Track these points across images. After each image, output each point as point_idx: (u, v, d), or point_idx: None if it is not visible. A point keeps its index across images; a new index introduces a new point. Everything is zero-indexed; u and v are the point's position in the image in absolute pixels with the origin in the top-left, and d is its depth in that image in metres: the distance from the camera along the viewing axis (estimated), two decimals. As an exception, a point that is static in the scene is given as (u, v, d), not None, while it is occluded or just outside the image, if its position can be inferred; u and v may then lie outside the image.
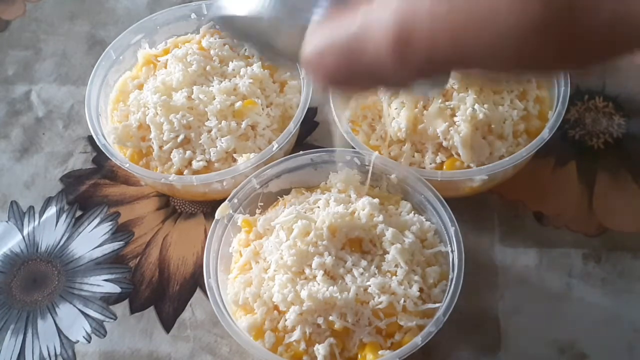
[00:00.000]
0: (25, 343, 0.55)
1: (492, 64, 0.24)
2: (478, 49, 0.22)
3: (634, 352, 0.51)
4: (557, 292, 0.54)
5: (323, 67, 0.25)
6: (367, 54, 0.23)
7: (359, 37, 0.23)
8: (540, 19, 0.20)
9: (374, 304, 0.46)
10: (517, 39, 0.21)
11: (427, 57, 0.23)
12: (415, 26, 0.22)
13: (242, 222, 0.53)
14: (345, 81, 0.25)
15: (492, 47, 0.22)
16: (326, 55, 0.25)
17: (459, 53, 0.22)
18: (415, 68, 0.23)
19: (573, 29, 0.20)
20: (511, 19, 0.20)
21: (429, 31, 0.22)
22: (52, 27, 0.77)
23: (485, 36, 0.21)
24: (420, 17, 0.22)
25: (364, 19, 0.23)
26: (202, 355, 0.54)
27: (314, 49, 0.25)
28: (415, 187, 0.53)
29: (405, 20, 0.22)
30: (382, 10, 0.23)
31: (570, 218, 0.58)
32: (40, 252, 0.60)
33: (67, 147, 0.67)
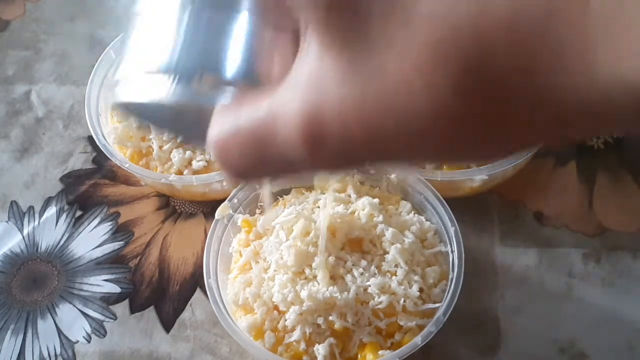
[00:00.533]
0: (25, 343, 0.55)
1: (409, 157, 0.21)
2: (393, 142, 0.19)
3: (634, 352, 0.51)
4: (557, 292, 0.54)
5: (229, 156, 0.23)
6: (276, 143, 0.21)
7: (266, 124, 0.21)
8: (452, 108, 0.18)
9: (374, 304, 0.46)
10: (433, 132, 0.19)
11: (340, 150, 0.20)
12: (325, 116, 0.19)
13: (242, 222, 0.53)
14: (254, 170, 0.23)
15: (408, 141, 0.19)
16: (231, 142, 0.22)
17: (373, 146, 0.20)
18: (329, 160, 0.21)
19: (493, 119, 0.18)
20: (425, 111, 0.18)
21: (340, 122, 0.19)
22: (52, 27, 0.77)
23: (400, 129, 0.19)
24: (331, 104, 0.19)
25: (271, 105, 0.21)
26: (202, 355, 0.54)
27: (218, 136, 0.22)
28: (415, 187, 0.53)
29: (313, 106, 0.20)
30: (290, 96, 0.20)
31: (570, 218, 0.58)
32: (40, 252, 0.60)
33: (67, 147, 0.67)
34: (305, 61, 0.20)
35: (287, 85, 0.21)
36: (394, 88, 0.18)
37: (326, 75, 0.19)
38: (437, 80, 0.18)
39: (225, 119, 0.23)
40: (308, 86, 0.20)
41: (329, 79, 0.19)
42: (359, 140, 0.20)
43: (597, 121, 0.18)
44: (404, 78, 0.18)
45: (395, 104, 0.19)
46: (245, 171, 0.23)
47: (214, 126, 0.23)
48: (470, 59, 0.17)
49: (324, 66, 0.20)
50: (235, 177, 0.24)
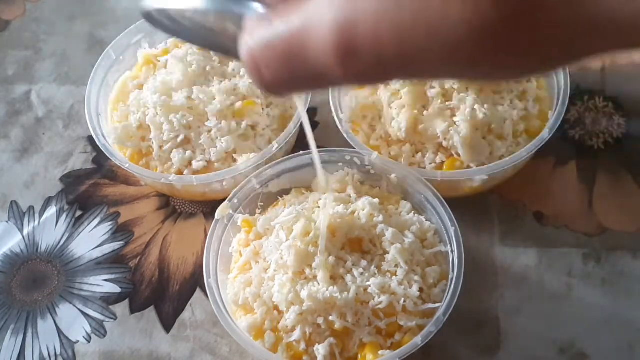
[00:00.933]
0: (25, 343, 0.55)
1: (443, 71, 0.22)
2: (427, 55, 0.20)
3: (634, 352, 0.51)
4: (557, 292, 0.54)
5: (262, 66, 0.23)
6: (309, 54, 0.21)
7: (299, 34, 0.21)
8: (492, 23, 0.18)
9: (374, 304, 0.46)
10: (469, 45, 0.19)
11: (372, 63, 0.21)
12: (358, 27, 0.20)
13: (242, 222, 0.53)
14: (286, 82, 0.23)
15: (442, 55, 0.20)
16: (265, 53, 0.23)
17: (406, 60, 0.20)
18: (360, 73, 0.22)
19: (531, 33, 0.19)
20: (462, 24, 0.19)
21: (374, 33, 0.20)
22: (52, 27, 0.77)
23: (434, 42, 0.19)
24: (364, 16, 0.20)
25: (305, 16, 0.21)
26: (202, 355, 0.54)
27: (251, 46, 0.23)
28: (415, 187, 0.53)
29: (348, 20, 0.20)
30: (324, 6, 0.21)
31: (570, 218, 0.58)
32: (40, 252, 0.60)
33: (67, 147, 0.67)
34: None
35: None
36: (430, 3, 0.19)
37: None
38: None
39: (258, 29, 0.23)
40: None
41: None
42: (392, 52, 0.20)
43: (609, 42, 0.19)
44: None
45: (430, 15, 0.19)
46: (277, 82, 0.23)
47: (246, 37, 0.23)
48: None
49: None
50: (266, 89, 0.24)
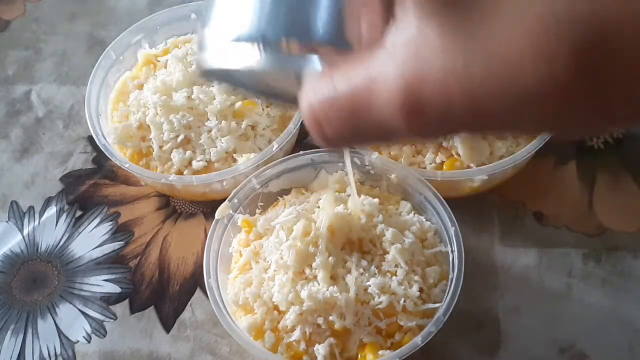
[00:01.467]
0: (25, 343, 0.55)
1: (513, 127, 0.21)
2: (497, 112, 0.19)
3: (634, 352, 0.51)
4: (557, 292, 0.54)
5: (324, 122, 0.22)
6: (373, 111, 0.21)
7: (363, 91, 0.21)
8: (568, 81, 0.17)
9: (374, 304, 0.46)
10: (541, 102, 0.18)
11: (440, 121, 0.20)
12: (425, 84, 0.19)
13: (242, 222, 0.53)
14: (348, 137, 0.23)
15: (513, 111, 0.19)
16: (327, 108, 0.22)
17: (476, 116, 0.20)
18: (428, 130, 0.21)
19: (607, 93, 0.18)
20: (535, 81, 0.18)
21: (442, 87, 0.19)
22: (52, 27, 0.77)
23: (505, 99, 0.18)
24: (431, 72, 0.19)
25: (368, 72, 0.21)
26: (202, 355, 0.54)
27: (312, 102, 0.22)
28: (415, 187, 0.53)
29: (415, 76, 0.19)
30: (388, 64, 0.20)
31: (570, 218, 0.58)
32: (40, 252, 0.60)
33: (67, 147, 0.67)
34: (402, 28, 0.20)
35: (384, 52, 0.20)
36: (502, 55, 0.18)
37: (427, 44, 0.19)
38: (550, 51, 0.17)
39: (318, 84, 0.22)
40: (407, 55, 0.20)
41: (430, 48, 0.19)
42: (460, 110, 0.19)
43: None
44: (514, 45, 0.18)
45: (502, 71, 0.18)
46: (339, 138, 0.23)
47: (307, 92, 0.23)
48: (585, 37, 0.17)
49: (424, 35, 0.19)
50: (328, 144, 0.24)
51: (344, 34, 0.23)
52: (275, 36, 0.23)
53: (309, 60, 0.23)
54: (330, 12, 0.23)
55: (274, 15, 0.23)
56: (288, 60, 0.24)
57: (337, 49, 0.23)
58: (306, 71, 0.23)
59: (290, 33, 0.23)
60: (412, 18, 0.20)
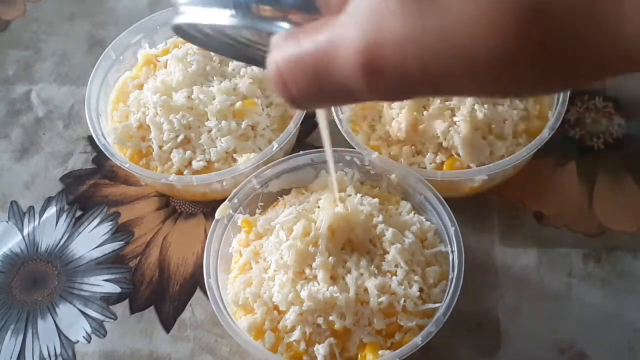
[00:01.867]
0: (25, 343, 0.55)
1: (466, 90, 0.23)
2: (450, 75, 0.21)
3: (634, 352, 0.51)
4: (557, 292, 0.54)
5: (289, 80, 0.24)
6: (335, 71, 0.22)
7: (326, 52, 0.22)
8: (518, 46, 0.19)
9: (374, 304, 0.46)
10: (493, 66, 0.20)
11: (397, 81, 0.21)
12: (384, 48, 0.21)
13: (242, 222, 0.53)
14: (312, 96, 0.24)
15: (466, 74, 0.21)
16: (292, 68, 0.23)
17: (429, 78, 0.21)
18: (385, 90, 0.22)
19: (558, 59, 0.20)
20: (487, 46, 0.19)
21: (399, 53, 0.21)
22: (52, 27, 0.77)
23: (459, 63, 0.20)
24: (390, 37, 0.21)
25: (332, 35, 0.22)
26: (202, 355, 0.54)
27: (279, 61, 0.24)
28: (415, 187, 0.53)
29: (374, 40, 0.21)
30: (350, 27, 0.22)
31: (570, 218, 0.58)
32: (40, 252, 0.60)
33: (67, 147, 0.67)
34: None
35: (346, 15, 0.22)
36: (456, 24, 0.19)
37: (386, 9, 0.21)
38: (501, 19, 0.19)
39: (285, 45, 0.24)
40: (368, 18, 0.21)
41: (390, 11, 0.20)
42: (416, 72, 0.21)
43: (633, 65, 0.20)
44: (467, 15, 0.19)
45: (455, 39, 0.20)
46: (303, 97, 0.24)
47: (273, 53, 0.24)
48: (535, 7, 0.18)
49: (384, 1, 0.21)
50: (292, 103, 0.25)
51: (313, 1, 0.25)
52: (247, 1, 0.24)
53: (278, 22, 0.24)
54: None
55: None
56: (258, 23, 0.25)
57: (306, 14, 0.24)
58: (275, 33, 0.24)
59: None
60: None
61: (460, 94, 0.24)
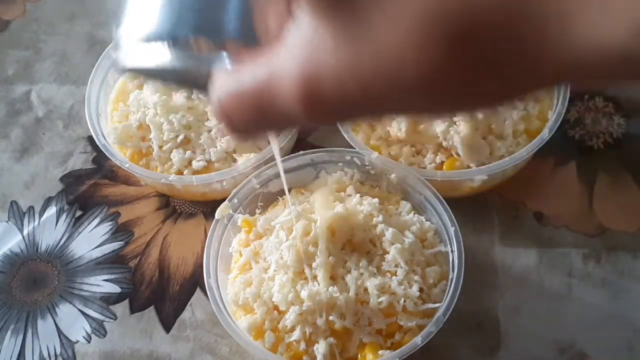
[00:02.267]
0: (25, 343, 0.55)
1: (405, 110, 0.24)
2: (389, 100, 0.21)
3: (634, 352, 0.51)
4: (557, 292, 0.54)
5: (232, 114, 0.24)
6: (276, 102, 0.23)
7: (266, 84, 0.23)
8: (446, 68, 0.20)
9: (374, 304, 0.46)
10: (427, 89, 0.20)
11: (338, 107, 0.22)
12: (321, 78, 0.21)
13: (242, 222, 0.53)
14: (255, 126, 0.25)
15: (404, 97, 0.21)
16: (234, 101, 0.24)
17: (370, 104, 0.22)
18: (327, 116, 0.23)
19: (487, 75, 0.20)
20: (418, 70, 0.20)
21: (337, 82, 0.21)
22: (52, 27, 0.77)
23: (394, 88, 0.21)
24: (326, 68, 0.21)
25: (270, 68, 0.23)
26: (202, 355, 0.54)
27: (221, 96, 0.24)
28: (415, 187, 0.53)
29: (311, 71, 0.21)
30: (288, 59, 0.22)
31: (570, 218, 0.58)
32: (40, 252, 0.60)
33: (67, 147, 0.67)
34: (300, 27, 0.22)
35: (284, 47, 0.22)
36: (387, 51, 0.20)
37: (321, 40, 0.21)
38: (427, 44, 0.19)
39: (226, 79, 0.24)
40: (304, 50, 0.22)
41: (324, 43, 0.21)
42: (354, 97, 0.21)
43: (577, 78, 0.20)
44: (396, 42, 0.20)
45: (388, 65, 0.20)
46: (247, 128, 0.25)
47: (216, 86, 0.24)
48: (459, 26, 0.19)
49: (317, 32, 0.21)
50: (237, 134, 0.25)
51: (251, 31, 0.25)
52: (184, 34, 0.24)
53: (218, 56, 0.25)
54: (238, 10, 0.25)
55: (182, 14, 0.24)
56: (198, 57, 0.25)
57: (245, 45, 0.25)
58: (216, 66, 0.24)
59: (198, 31, 0.25)
60: (308, 18, 0.21)
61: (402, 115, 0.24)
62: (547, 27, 0.18)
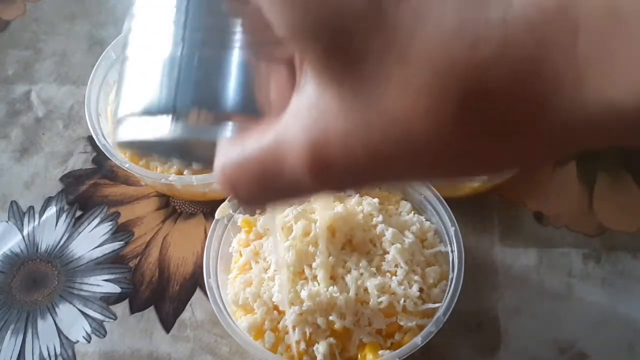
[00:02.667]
0: (25, 343, 0.55)
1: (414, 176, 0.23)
2: (398, 166, 0.21)
3: (634, 352, 0.51)
4: (557, 292, 0.54)
5: (237, 185, 0.24)
6: (282, 172, 0.22)
7: (272, 154, 0.22)
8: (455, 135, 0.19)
9: (374, 304, 0.46)
10: (432, 155, 0.20)
11: (345, 173, 0.21)
12: (328, 143, 0.21)
13: (242, 222, 0.53)
14: (261, 197, 0.24)
15: (411, 165, 0.21)
16: (238, 173, 0.23)
17: (379, 171, 0.21)
18: (335, 185, 0.23)
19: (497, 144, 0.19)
20: (424, 136, 0.19)
21: (344, 147, 0.21)
22: (52, 27, 0.77)
23: (403, 155, 0.20)
24: (333, 133, 0.21)
25: (276, 137, 0.22)
26: (202, 355, 0.54)
27: (225, 167, 0.24)
28: (415, 187, 0.53)
29: (318, 137, 0.21)
30: (293, 127, 0.21)
31: (570, 218, 0.58)
32: (40, 252, 0.60)
33: (67, 147, 0.67)
34: (305, 95, 0.21)
35: (289, 116, 0.22)
36: (395, 116, 0.19)
37: (327, 109, 0.21)
38: (436, 108, 0.19)
39: (230, 150, 0.23)
40: (310, 116, 0.21)
41: (331, 111, 0.20)
42: (362, 163, 0.21)
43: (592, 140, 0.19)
44: (404, 106, 0.19)
45: (396, 129, 0.20)
46: (252, 199, 0.24)
47: (220, 157, 0.24)
48: (466, 91, 0.18)
49: (324, 97, 0.21)
50: (241, 203, 0.25)
51: (254, 101, 0.24)
52: (186, 107, 0.24)
53: (221, 128, 0.24)
54: (239, 81, 0.24)
55: (183, 87, 0.24)
56: (200, 129, 0.24)
57: (247, 117, 0.24)
58: (219, 138, 0.24)
59: (200, 104, 0.24)
60: (313, 85, 0.21)
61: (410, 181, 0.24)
62: (560, 89, 0.17)
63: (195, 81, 0.24)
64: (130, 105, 0.25)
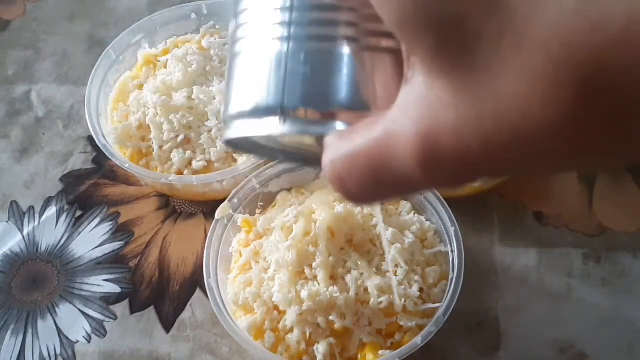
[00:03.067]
0: (25, 343, 0.55)
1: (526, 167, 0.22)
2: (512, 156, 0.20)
3: (634, 352, 0.51)
4: (557, 292, 0.54)
5: (346, 179, 0.23)
6: (392, 165, 0.22)
7: (381, 147, 0.22)
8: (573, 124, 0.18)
9: (374, 304, 0.46)
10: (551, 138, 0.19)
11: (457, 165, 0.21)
12: (440, 137, 0.20)
13: (242, 222, 0.53)
14: (370, 192, 0.24)
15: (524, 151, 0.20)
16: (347, 166, 0.23)
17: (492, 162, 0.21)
18: (446, 179, 0.22)
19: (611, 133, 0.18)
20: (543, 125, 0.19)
21: (456, 138, 0.20)
22: (52, 27, 0.77)
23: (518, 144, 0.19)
24: (445, 125, 0.20)
25: (385, 130, 0.22)
26: (202, 355, 0.54)
27: (334, 160, 0.23)
28: (415, 187, 0.53)
29: (428, 129, 0.20)
30: (403, 120, 0.21)
31: (570, 218, 0.58)
32: (40, 252, 0.60)
33: (67, 147, 0.67)
34: (413, 88, 0.21)
35: (397, 109, 0.22)
36: (510, 102, 0.19)
37: (438, 100, 0.20)
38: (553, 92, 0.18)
39: (339, 144, 0.23)
40: (420, 108, 0.21)
41: (441, 103, 0.20)
42: (476, 157, 0.20)
43: None
44: (521, 98, 0.19)
45: (512, 116, 0.19)
46: (362, 193, 0.24)
47: (328, 151, 0.24)
48: (587, 78, 0.17)
49: (434, 92, 0.20)
50: (352, 200, 0.24)
51: (361, 96, 0.24)
52: (294, 106, 0.24)
53: (329, 124, 0.24)
54: (347, 75, 0.24)
55: (291, 85, 0.24)
56: (308, 127, 0.24)
57: (355, 113, 0.24)
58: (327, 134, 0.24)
59: (308, 101, 0.24)
60: (422, 78, 0.21)
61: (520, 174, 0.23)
62: None
63: (303, 78, 0.24)
64: (240, 103, 0.25)
